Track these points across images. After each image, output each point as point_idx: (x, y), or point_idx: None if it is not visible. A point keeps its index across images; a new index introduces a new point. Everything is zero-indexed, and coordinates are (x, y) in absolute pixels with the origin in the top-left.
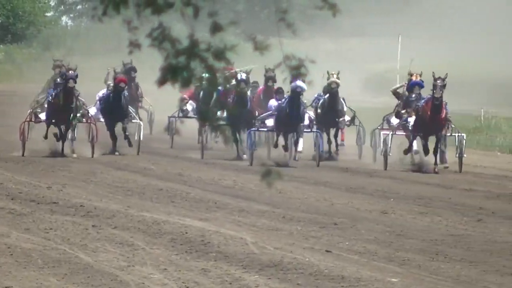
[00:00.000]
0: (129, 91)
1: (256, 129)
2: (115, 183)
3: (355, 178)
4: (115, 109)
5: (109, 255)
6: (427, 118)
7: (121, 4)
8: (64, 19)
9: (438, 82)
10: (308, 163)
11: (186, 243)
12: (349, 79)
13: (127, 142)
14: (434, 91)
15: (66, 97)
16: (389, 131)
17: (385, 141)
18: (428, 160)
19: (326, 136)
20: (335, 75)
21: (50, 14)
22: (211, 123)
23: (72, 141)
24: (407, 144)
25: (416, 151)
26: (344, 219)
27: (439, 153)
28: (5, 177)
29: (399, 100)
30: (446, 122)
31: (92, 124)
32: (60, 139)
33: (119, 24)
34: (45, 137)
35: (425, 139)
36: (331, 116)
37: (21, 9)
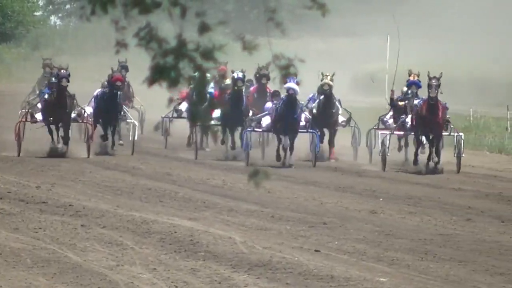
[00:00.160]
0: (121, 90)
1: (251, 129)
2: (104, 183)
3: (344, 178)
4: (111, 108)
5: (98, 255)
6: (425, 118)
7: (108, 4)
8: (53, 18)
9: (433, 81)
10: (302, 164)
11: (175, 242)
12: (339, 79)
13: (117, 140)
14: (430, 90)
15: (60, 96)
16: (387, 131)
17: (383, 141)
18: (425, 160)
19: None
20: (329, 77)
21: (39, 13)
22: (202, 123)
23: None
24: (403, 144)
25: (423, 151)
26: (333, 219)
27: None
28: None
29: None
30: (445, 122)
31: (88, 124)
32: (62, 140)
33: (108, 24)
34: (51, 138)
35: (426, 138)
36: (325, 117)
37: (10, 8)
